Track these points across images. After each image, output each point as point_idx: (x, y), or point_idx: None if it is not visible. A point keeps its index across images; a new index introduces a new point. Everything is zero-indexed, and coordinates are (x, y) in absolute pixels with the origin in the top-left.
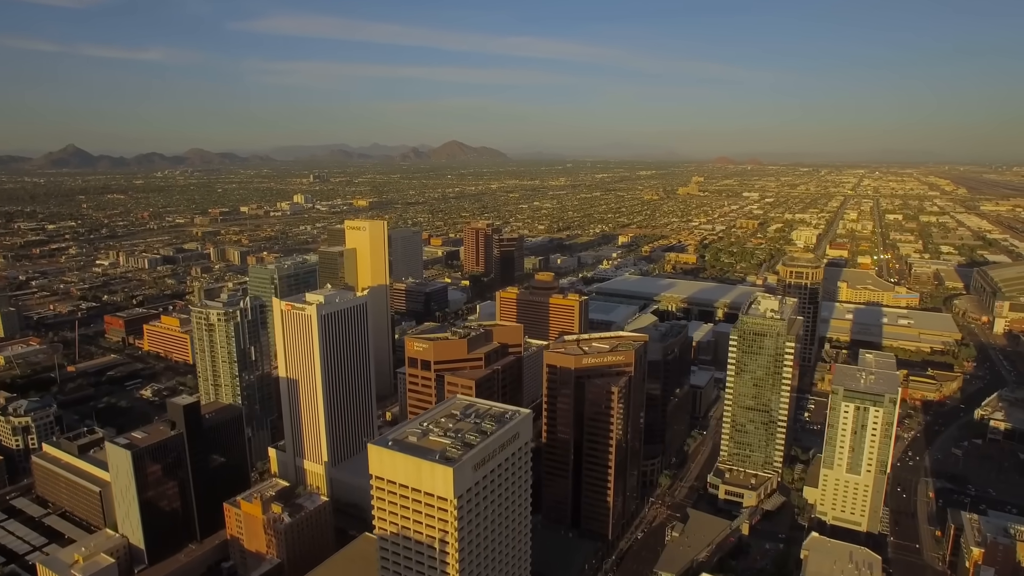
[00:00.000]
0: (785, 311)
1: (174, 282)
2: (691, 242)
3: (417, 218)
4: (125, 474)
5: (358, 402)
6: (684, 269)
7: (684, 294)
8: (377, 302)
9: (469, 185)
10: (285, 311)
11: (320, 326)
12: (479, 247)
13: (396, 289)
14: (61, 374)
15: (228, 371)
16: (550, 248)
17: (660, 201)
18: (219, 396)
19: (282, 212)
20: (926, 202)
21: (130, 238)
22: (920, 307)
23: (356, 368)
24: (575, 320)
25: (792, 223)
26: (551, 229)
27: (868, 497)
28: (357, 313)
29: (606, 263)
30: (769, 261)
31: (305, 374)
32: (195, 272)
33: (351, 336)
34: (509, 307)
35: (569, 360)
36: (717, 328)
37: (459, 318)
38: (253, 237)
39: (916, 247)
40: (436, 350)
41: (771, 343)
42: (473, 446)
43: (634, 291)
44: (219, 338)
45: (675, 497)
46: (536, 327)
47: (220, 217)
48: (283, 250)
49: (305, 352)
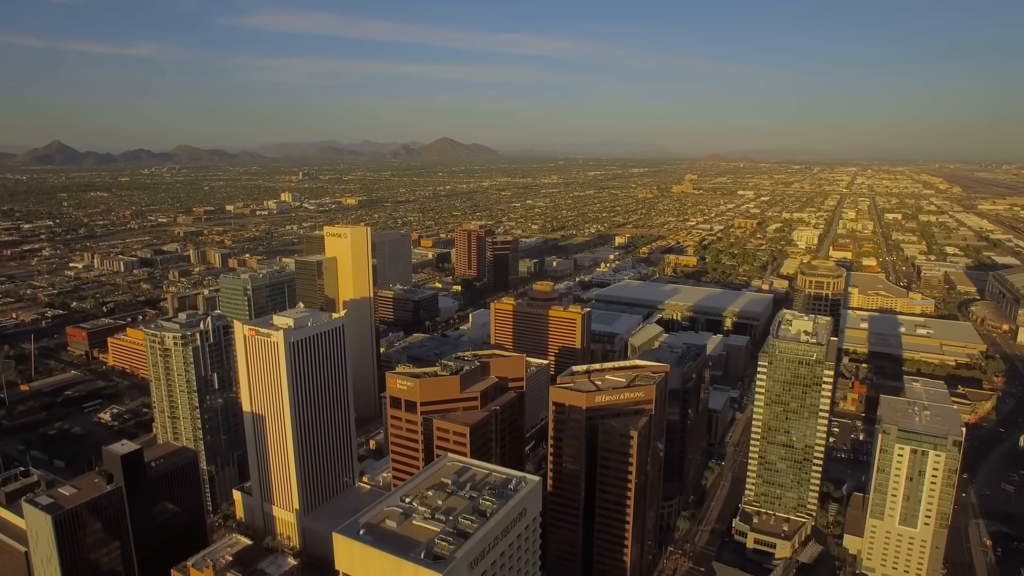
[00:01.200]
0: (820, 333)
1: (150, 287)
2: (690, 243)
3: (407, 217)
4: (46, 542)
5: (335, 440)
6: (685, 272)
7: (689, 301)
8: (360, 316)
9: (460, 183)
10: (249, 337)
11: (289, 355)
12: (471, 250)
13: (383, 297)
14: (11, 394)
15: (187, 402)
16: (544, 250)
17: (655, 200)
18: (177, 430)
19: (268, 211)
20: (922, 201)
21: (109, 238)
22: (935, 314)
23: (333, 401)
24: (577, 334)
25: (790, 222)
26: (545, 229)
27: (926, 554)
28: (333, 338)
29: (604, 266)
30: (772, 263)
31: (273, 409)
32: (173, 276)
33: (326, 364)
34: (504, 320)
35: (579, 398)
36: (728, 341)
37: (450, 327)
38: (237, 238)
39: (920, 248)
40: (423, 389)
41: (807, 371)
42: (468, 535)
43: (636, 298)
44: (176, 364)
45: (696, 544)
46: (535, 342)
47: (204, 216)
48: (267, 251)
49: (272, 384)
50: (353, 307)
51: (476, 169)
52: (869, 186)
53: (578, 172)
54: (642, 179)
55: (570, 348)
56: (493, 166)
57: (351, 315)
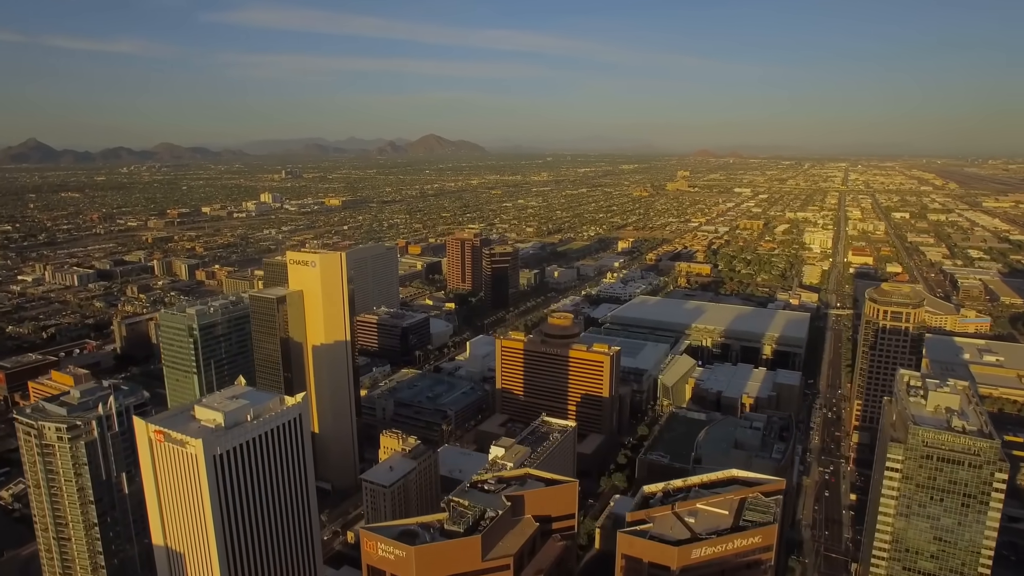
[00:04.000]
0: (971, 414)
1: (103, 305)
2: (698, 247)
3: (393, 219)
4: None
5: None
6: (699, 282)
7: (718, 323)
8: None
9: (448, 181)
10: (155, 441)
11: (213, 474)
12: (465, 261)
13: (365, 322)
14: None
15: (79, 520)
16: (543, 257)
17: (651, 198)
18: (68, 557)
19: (247, 213)
20: (924, 198)
21: (70, 245)
22: (992, 334)
23: (286, 524)
24: (605, 380)
25: (796, 223)
26: (540, 232)
27: None
28: (285, 436)
29: (610, 276)
30: (790, 271)
31: (194, 546)
32: (131, 291)
33: (275, 475)
34: (514, 362)
35: (669, 555)
36: (777, 378)
37: (444, 356)
38: (209, 244)
39: (941, 252)
40: (422, 563)
41: (970, 476)
42: None
43: (656, 319)
44: (62, 467)
45: None
46: (551, 388)
47: (178, 219)
48: (241, 260)
49: (192, 512)
50: (326, 355)
51: (463, 166)
52: (864, 182)
53: (567, 169)
54: (633, 176)
55: (596, 396)
56: (480, 163)
57: (323, 362)
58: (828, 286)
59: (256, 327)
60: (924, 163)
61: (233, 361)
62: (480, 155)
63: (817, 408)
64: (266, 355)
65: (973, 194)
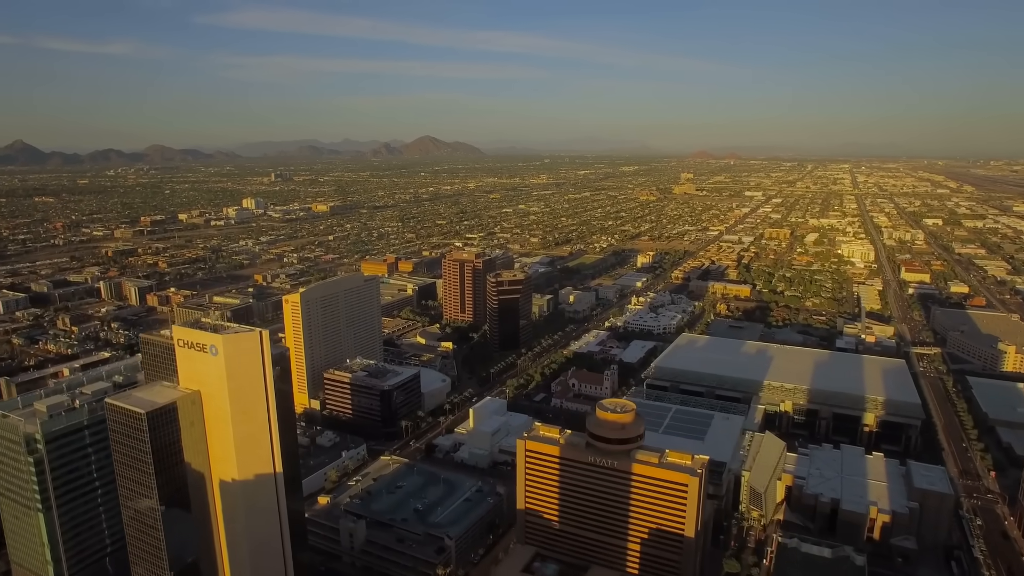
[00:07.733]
0: None
1: (23, 342)
2: (727, 262)
3: (384, 227)
4: None
5: None
6: (740, 308)
7: (797, 378)
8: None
9: (444, 184)
10: None
11: None
12: (465, 287)
13: (335, 382)
14: None
15: None
16: (553, 276)
17: (659, 203)
18: None
19: (226, 220)
20: (946, 202)
21: (19, 259)
22: None
23: None
24: (691, 510)
25: (823, 230)
26: (546, 242)
27: None
28: None
29: (635, 301)
30: (840, 291)
31: None
32: (62, 323)
33: None
34: (545, 474)
35: None
36: (918, 482)
37: (439, 424)
38: (175, 258)
39: (1002, 266)
40: None
41: None
42: None
43: (716, 373)
44: None
45: None
46: (603, 518)
47: (149, 228)
48: (207, 279)
49: None
50: (241, 498)
51: (460, 168)
52: (875, 184)
53: (567, 171)
54: (635, 178)
55: (672, 534)
56: (477, 165)
57: (238, 510)
58: (892, 312)
59: (117, 454)
60: (926, 164)
61: (111, 486)
62: (476, 157)
63: (965, 517)
64: (136, 513)
65: (996, 197)
